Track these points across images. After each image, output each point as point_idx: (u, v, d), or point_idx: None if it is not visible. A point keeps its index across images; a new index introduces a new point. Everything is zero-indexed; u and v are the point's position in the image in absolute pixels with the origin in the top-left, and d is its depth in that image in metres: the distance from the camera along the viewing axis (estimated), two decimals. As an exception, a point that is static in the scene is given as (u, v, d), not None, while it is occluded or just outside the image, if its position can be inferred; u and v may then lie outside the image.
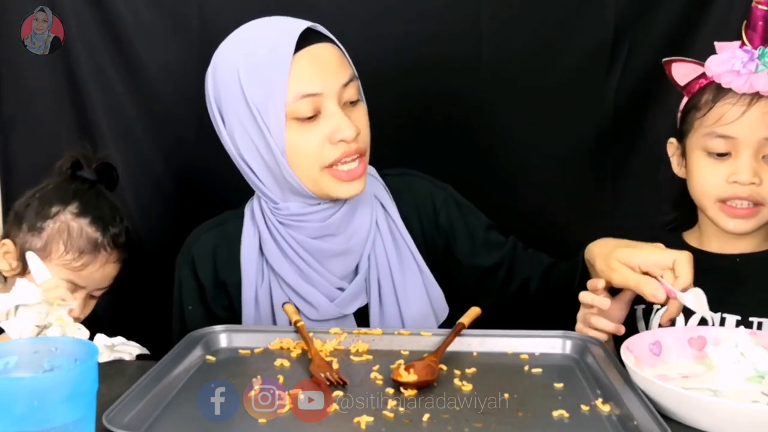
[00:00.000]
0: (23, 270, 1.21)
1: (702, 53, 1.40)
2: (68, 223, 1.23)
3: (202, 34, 1.43)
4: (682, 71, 1.12)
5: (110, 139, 1.45)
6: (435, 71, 1.47)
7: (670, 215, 1.21)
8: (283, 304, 1.13)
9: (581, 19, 1.47)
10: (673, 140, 1.16)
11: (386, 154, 1.17)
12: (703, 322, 1.02)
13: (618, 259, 0.98)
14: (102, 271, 1.27)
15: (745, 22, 1.06)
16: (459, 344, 0.98)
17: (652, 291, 0.93)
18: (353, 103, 1.10)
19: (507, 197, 1.36)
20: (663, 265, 0.95)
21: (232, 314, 1.18)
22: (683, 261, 0.94)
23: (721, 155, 1.07)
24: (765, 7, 1.04)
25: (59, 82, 1.43)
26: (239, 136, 1.10)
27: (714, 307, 0.95)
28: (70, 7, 1.40)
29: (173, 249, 1.30)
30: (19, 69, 1.42)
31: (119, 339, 0.99)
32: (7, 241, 1.24)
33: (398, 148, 1.19)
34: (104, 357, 0.97)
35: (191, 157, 1.47)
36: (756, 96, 1.04)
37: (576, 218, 1.52)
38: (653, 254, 0.96)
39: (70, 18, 1.40)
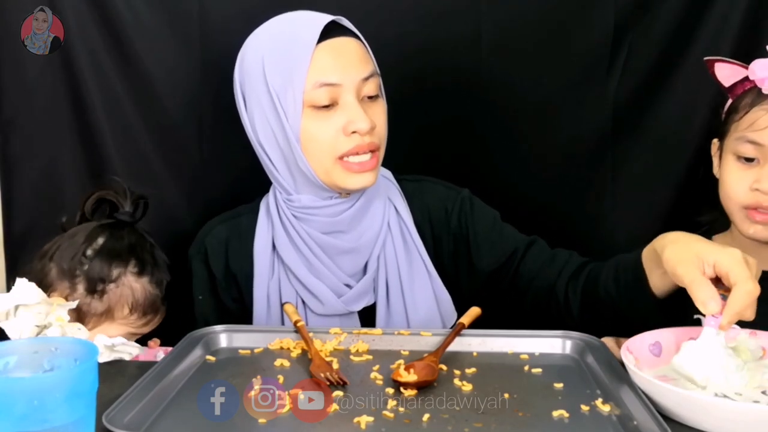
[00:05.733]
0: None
1: (702, 54, 1.40)
2: (131, 285, 1.17)
3: (202, 34, 1.42)
4: (726, 72, 1.11)
5: (110, 139, 1.45)
6: (433, 72, 1.47)
7: (706, 216, 1.20)
8: (283, 304, 1.13)
9: (581, 20, 1.47)
10: (716, 141, 1.15)
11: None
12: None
13: (696, 252, 0.87)
14: (159, 320, 1.23)
15: None
16: (459, 344, 0.98)
17: (702, 298, 0.83)
18: (372, 98, 1.12)
19: (505, 198, 1.36)
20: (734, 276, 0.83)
21: (241, 306, 1.20)
22: (742, 287, 0.81)
23: (749, 160, 1.06)
24: None
25: (59, 82, 1.43)
26: (259, 122, 1.13)
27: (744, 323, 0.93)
28: (70, 7, 1.40)
29: (172, 248, 1.30)
30: (19, 69, 1.41)
31: (119, 339, 1.00)
32: (59, 300, 1.13)
33: (395, 147, 1.19)
34: (104, 357, 0.97)
35: (191, 157, 1.47)
36: None
37: (575, 218, 1.52)
38: (731, 258, 0.84)
39: (70, 18, 1.40)
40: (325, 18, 1.11)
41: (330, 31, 1.10)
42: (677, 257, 0.88)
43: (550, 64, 1.48)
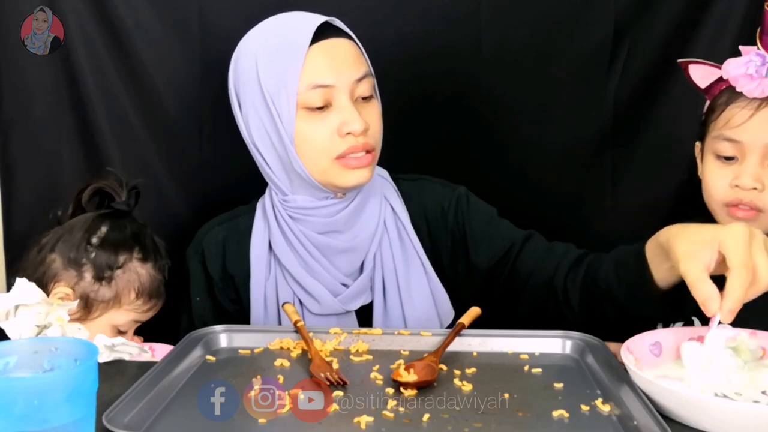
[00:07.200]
0: (86, 314, 1.19)
1: (702, 54, 1.40)
2: (137, 271, 1.22)
3: (201, 34, 1.43)
4: (701, 73, 1.11)
5: (110, 139, 1.45)
6: (434, 73, 1.47)
7: (697, 219, 1.20)
8: (283, 304, 1.13)
9: (581, 20, 1.47)
10: (698, 143, 1.16)
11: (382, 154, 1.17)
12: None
13: (700, 241, 0.85)
14: (160, 305, 1.27)
15: (759, 28, 1.06)
16: (459, 344, 0.98)
17: (701, 298, 0.81)
18: (366, 99, 1.12)
19: (505, 198, 1.36)
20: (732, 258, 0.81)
21: (239, 307, 1.21)
22: (736, 273, 0.79)
23: (728, 159, 1.07)
24: None
25: (59, 82, 1.43)
26: (253, 124, 1.13)
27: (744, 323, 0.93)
28: (70, 7, 1.40)
29: (171, 248, 1.30)
30: (19, 69, 1.42)
31: (119, 339, 0.99)
32: (66, 289, 1.19)
33: (394, 148, 1.20)
34: (104, 357, 0.97)
35: (191, 157, 1.48)
36: (765, 100, 1.03)
37: (575, 218, 1.52)
38: (731, 239, 0.82)
39: (70, 18, 1.40)
40: (318, 19, 1.11)
41: (323, 32, 1.10)
42: (682, 251, 0.86)
43: (550, 65, 1.48)
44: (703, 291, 0.81)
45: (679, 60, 1.15)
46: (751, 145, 1.04)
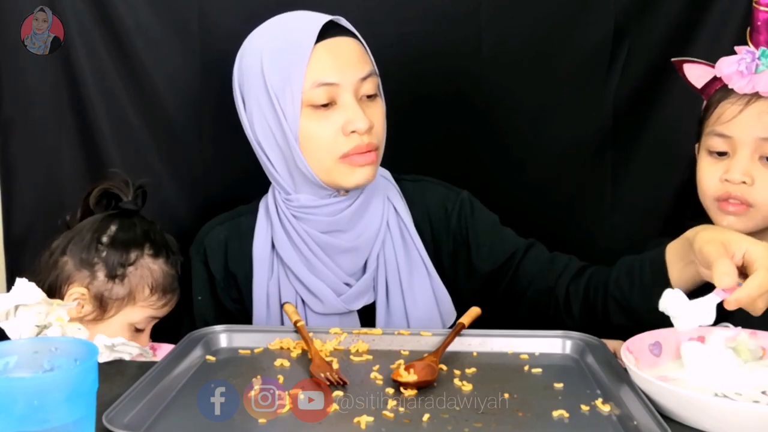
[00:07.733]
0: (102, 313, 1.18)
1: (702, 54, 1.41)
2: (149, 266, 1.21)
3: (201, 34, 1.43)
4: (696, 73, 1.12)
5: (110, 139, 1.45)
6: (434, 73, 1.47)
7: (697, 219, 1.20)
8: (283, 304, 1.14)
9: (581, 20, 1.47)
10: (697, 144, 1.16)
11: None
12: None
13: (729, 237, 0.89)
14: (176, 300, 1.26)
15: (749, 26, 1.07)
16: (459, 344, 0.98)
17: (720, 271, 0.83)
18: (370, 97, 1.13)
19: (505, 198, 1.36)
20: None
21: (241, 306, 1.21)
22: (762, 273, 0.82)
23: (720, 154, 1.07)
24: (765, 8, 1.05)
25: (59, 82, 1.43)
26: (258, 122, 1.14)
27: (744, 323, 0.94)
28: (70, 7, 1.40)
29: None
30: (19, 69, 1.41)
31: (119, 339, 1.00)
32: (81, 289, 1.18)
33: (393, 148, 1.20)
34: (104, 357, 0.97)
35: (191, 157, 1.47)
36: (755, 96, 1.04)
37: (575, 218, 1.52)
38: (763, 249, 0.85)
39: (70, 18, 1.40)
40: (323, 18, 1.12)
41: (328, 31, 1.11)
42: (708, 238, 0.90)
43: (551, 65, 1.48)
44: (722, 265, 0.84)
45: (673, 59, 1.15)
46: (741, 139, 1.04)
